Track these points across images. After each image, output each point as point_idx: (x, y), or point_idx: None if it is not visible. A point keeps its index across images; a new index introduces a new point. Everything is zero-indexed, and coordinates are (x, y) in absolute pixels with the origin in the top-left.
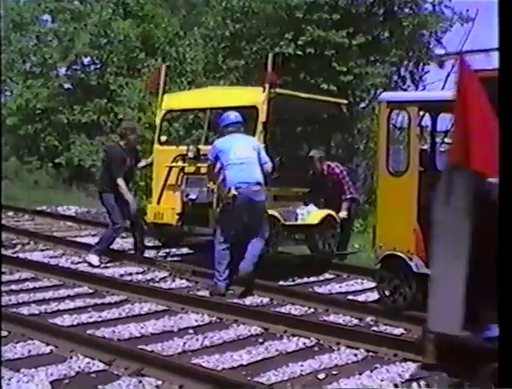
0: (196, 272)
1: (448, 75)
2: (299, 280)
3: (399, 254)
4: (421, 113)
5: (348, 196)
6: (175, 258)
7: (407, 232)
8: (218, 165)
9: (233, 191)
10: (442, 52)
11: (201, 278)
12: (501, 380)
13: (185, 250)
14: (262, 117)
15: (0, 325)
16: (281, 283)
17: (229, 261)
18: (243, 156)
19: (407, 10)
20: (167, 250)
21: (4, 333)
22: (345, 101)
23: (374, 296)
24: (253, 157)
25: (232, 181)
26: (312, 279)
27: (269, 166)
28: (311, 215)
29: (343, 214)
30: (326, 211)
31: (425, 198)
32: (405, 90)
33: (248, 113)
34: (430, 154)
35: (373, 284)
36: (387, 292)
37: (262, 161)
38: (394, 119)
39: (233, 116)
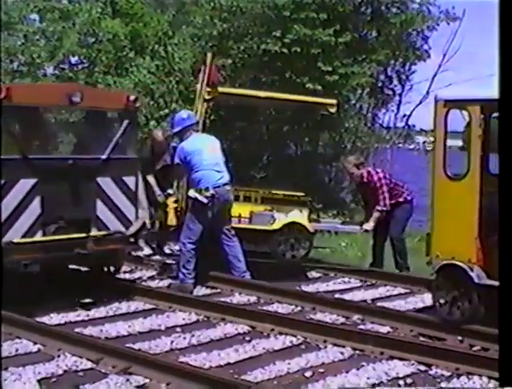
0: None
1: (435, 75)
2: (286, 279)
3: (459, 263)
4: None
5: (378, 208)
6: (164, 257)
7: (467, 241)
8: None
9: (211, 191)
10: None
11: None
12: (502, 380)
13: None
14: (201, 117)
15: (0, 327)
16: (268, 281)
17: (197, 260)
18: (215, 157)
19: (394, 9)
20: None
21: None
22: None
23: (360, 294)
24: (221, 157)
25: (208, 182)
26: (299, 277)
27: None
28: (278, 221)
29: (368, 225)
30: (292, 219)
31: (487, 204)
32: (392, 89)
33: None
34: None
35: (360, 283)
36: (445, 304)
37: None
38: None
39: (186, 115)
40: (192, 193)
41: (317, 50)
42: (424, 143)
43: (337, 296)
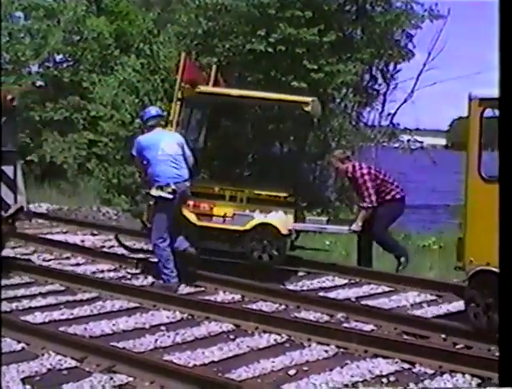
0: None
1: (420, 73)
2: (271, 277)
3: (495, 269)
4: None
5: (364, 205)
6: (148, 255)
7: None
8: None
9: (173, 186)
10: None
11: None
12: (502, 380)
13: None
14: (175, 116)
15: (0, 326)
16: (254, 280)
17: (174, 257)
18: (172, 153)
19: (379, 8)
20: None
21: None
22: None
23: (344, 293)
24: (180, 153)
25: (167, 177)
26: (284, 276)
27: (191, 160)
28: (251, 221)
29: (355, 226)
30: (263, 220)
31: None
32: (376, 90)
33: None
34: None
35: (344, 281)
36: (479, 312)
37: (186, 155)
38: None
39: (154, 110)
40: (154, 192)
41: (302, 49)
42: (408, 141)
43: (321, 294)
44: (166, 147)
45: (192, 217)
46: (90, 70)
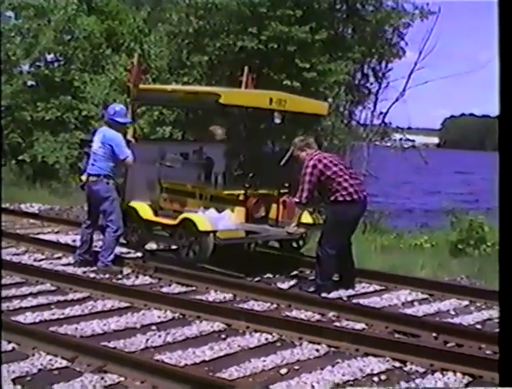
0: (159, 269)
1: (411, 72)
2: (262, 276)
3: None
4: None
5: (294, 199)
6: (138, 255)
7: None
8: None
9: (84, 177)
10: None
11: (164, 275)
12: (502, 380)
13: (147, 247)
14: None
15: (0, 325)
16: (245, 279)
17: (91, 242)
18: (94, 148)
19: (370, 7)
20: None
21: None
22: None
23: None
24: (101, 151)
25: (86, 169)
26: (276, 275)
27: (129, 160)
28: (180, 216)
29: (289, 228)
30: (185, 215)
31: None
32: (368, 89)
33: None
34: None
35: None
36: None
37: (120, 155)
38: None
39: (106, 113)
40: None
41: (293, 47)
42: (400, 140)
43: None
44: (95, 143)
45: (147, 212)
46: (81, 70)
